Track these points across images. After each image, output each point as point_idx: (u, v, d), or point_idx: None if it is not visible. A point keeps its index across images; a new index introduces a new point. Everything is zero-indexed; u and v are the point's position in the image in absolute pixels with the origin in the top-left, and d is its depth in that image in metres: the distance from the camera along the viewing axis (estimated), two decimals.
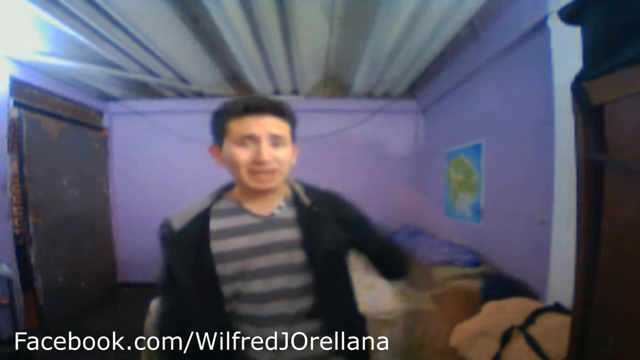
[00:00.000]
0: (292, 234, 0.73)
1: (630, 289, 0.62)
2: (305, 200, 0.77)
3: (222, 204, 0.75)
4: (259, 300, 0.70)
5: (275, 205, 0.75)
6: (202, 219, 0.72)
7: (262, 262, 0.71)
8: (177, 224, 0.72)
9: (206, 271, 0.69)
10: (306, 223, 0.74)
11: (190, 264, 0.69)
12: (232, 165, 0.70)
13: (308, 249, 0.72)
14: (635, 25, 0.59)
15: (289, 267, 0.72)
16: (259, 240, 0.72)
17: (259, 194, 0.72)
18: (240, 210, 0.74)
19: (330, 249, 0.73)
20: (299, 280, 0.72)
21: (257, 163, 0.67)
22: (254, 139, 0.68)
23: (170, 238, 0.72)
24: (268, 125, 0.68)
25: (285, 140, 0.71)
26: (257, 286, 0.70)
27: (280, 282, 0.71)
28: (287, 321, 0.71)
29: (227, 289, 0.70)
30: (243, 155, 0.68)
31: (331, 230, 0.74)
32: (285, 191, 0.78)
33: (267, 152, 0.67)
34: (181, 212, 0.74)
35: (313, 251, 0.72)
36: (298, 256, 0.72)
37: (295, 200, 0.77)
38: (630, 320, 0.63)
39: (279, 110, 0.71)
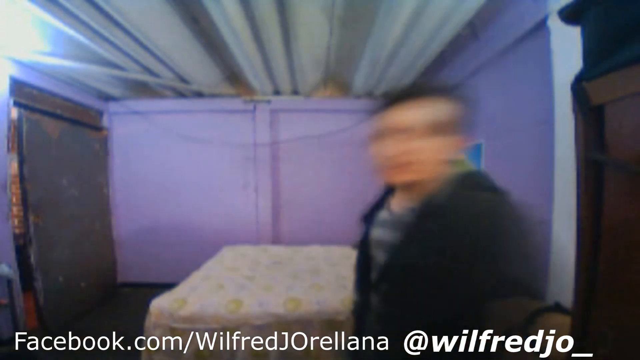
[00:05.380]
0: (392, 236, 0.69)
1: (631, 289, 0.62)
2: (439, 202, 0.63)
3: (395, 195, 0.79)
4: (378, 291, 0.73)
5: (410, 205, 0.68)
6: (378, 204, 0.81)
7: (379, 256, 0.73)
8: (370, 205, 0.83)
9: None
10: (408, 228, 0.64)
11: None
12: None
13: (390, 257, 0.67)
14: (635, 25, 0.59)
15: (382, 269, 0.70)
16: (383, 236, 0.73)
17: (400, 189, 0.74)
18: (387, 203, 0.78)
19: (411, 267, 0.61)
20: (383, 289, 0.70)
21: (385, 158, 0.67)
22: (381, 136, 0.68)
23: (363, 216, 0.82)
24: (391, 119, 0.66)
25: (415, 131, 0.62)
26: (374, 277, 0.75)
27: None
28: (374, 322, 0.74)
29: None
30: (377, 151, 0.70)
31: (428, 245, 0.59)
32: (435, 190, 0.65)
33: (390, 147, 0.65)
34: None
35: (391, 261, 0.66)
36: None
37: (433, 202, 0.64)
38: (630, 320, 0.63)
39: (408, 98, 0.65)
